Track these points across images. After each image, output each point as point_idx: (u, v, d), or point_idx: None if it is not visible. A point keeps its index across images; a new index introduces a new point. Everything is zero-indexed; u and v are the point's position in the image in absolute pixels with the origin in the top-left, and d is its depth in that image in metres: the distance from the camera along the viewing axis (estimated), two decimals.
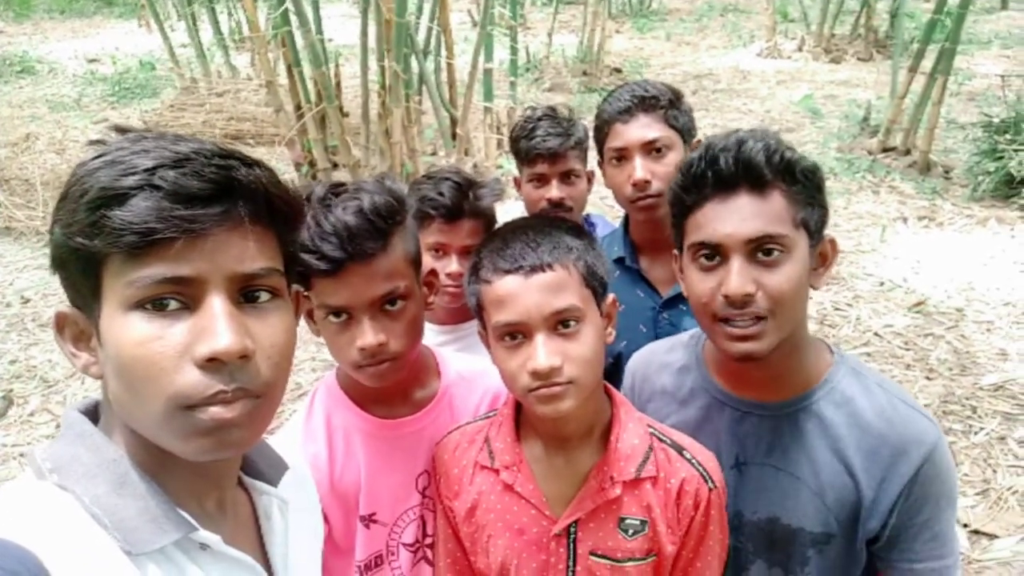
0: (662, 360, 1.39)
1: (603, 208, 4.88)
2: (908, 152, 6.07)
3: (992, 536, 2.68)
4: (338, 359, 1.25)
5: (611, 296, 1.20)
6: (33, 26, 13.78)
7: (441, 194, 1.65)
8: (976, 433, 3.17)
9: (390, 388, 1.31)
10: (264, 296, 0.76)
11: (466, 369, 1.46)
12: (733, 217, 1.10)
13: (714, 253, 1.12)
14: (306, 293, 1.17)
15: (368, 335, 1.17)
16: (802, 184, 1.12)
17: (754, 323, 1.09)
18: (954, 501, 1.19)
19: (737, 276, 1.08)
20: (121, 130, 0.76)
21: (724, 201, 1.11)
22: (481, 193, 1.69)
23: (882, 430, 1.16)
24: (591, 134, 1.90)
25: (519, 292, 1.09)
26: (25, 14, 14.39)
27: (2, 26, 13.51)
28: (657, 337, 1.68)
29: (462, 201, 1.66)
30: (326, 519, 1.31)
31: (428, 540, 1.40)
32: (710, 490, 1.18)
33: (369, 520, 1.36)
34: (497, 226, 1.35)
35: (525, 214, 1.98)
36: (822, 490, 1.18)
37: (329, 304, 1.17)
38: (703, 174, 1.12)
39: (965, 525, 2.71)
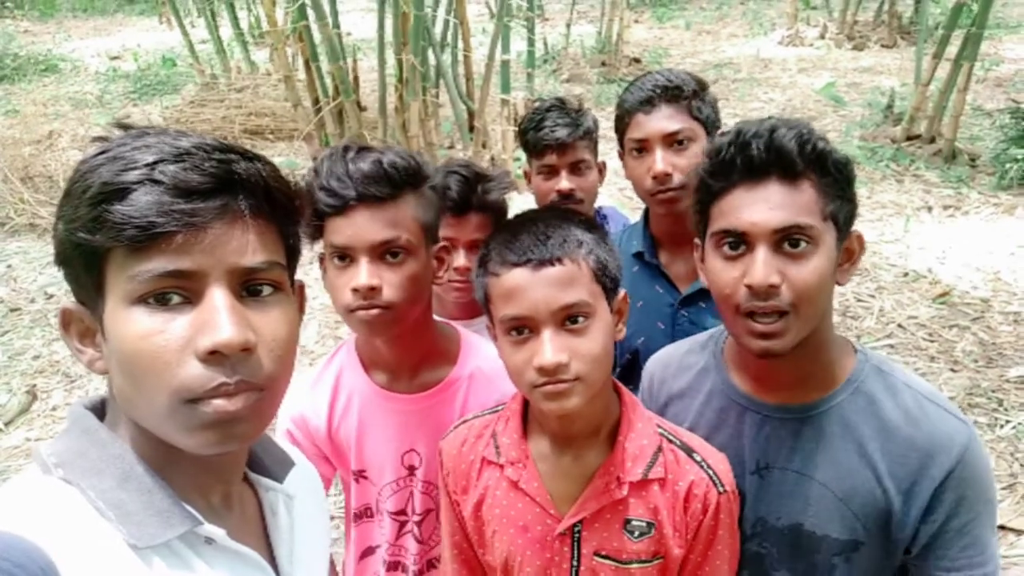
0: (680, 362, 1.35)
1: (621, 199, 4.85)
2: (933, 140, 5.97)
3: (1020, 532, 2.63)
4: (335, 304, 1.29)
5: (622, 292, 1.17)
6: (57, 24, 13.97)
7: (448, 187, 1.63)
8: (1002, 427, 3.11)
9: (394, 359, 1.36)
10: (266, 290, 0.76)
11: (489, 367, 1.43)
12: (761, 205, 1.06)
13: (739, 242, 1.08)
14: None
15: (363, 276, 1.20)
16: (833, 176, 1.08)
17: (777, 319, 1.05)
18: (992, 504, 1.12)
19: (762, 266, 1.04)
20: (124, 126, 0.76)
21: (752, 188, 1.07)
22: (489, 186, 1.68)
23: (909, 433, 1.10)
24: (609, 124, 1.87)
25: (527, 285, 1.07)
26: (49, 13, 14.59)
27: (27, 25, 13.70)
28: (675, 335, 1.64)
29: (469, 195, 1.65)
30: (329, 462, 1.45)
31: (416, 517, 1.43)
32: (719, 494, 1.15)
33: (359, 475, 1.43)
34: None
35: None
36: (847, 496, 1.13)
37: (334, 243, 1.22)
38: (732, 159, 1.08)
39: None
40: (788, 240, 1.05)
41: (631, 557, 1.14)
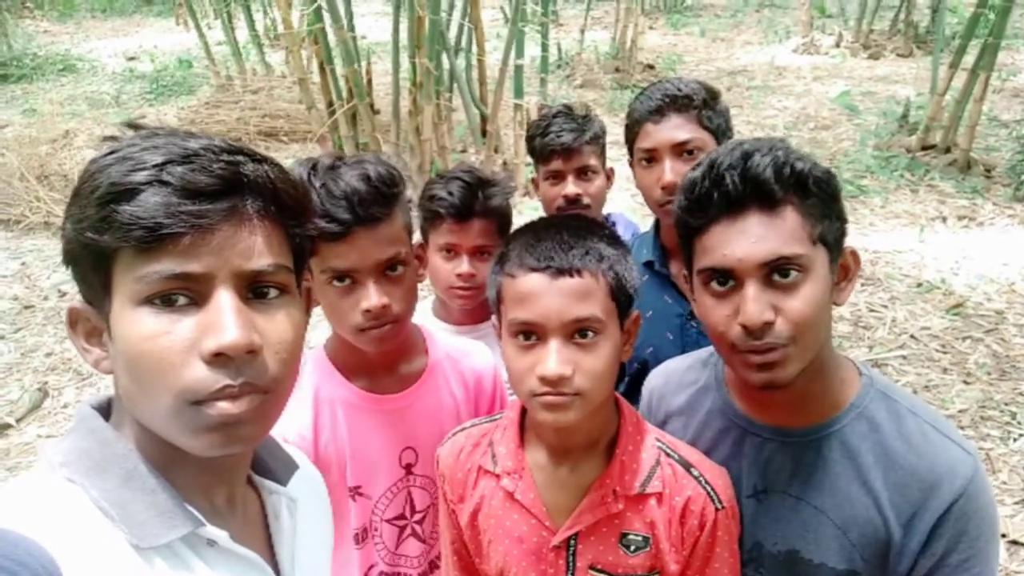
0: (680, 379, 1.33)
1: (634, 206, 4.83)
2: (948, 150, 5.92)
3: None
4: (339, 324, 1.29)
5: (635, 312, 1.15)
6: (75, 25, 14.11)
7: (451, 193, 1.63)
8: (1015, 440, 3.08)
9: (377, 361, 1.36)
10: (272, 292, 0.76)
11: (454, 349, 1.49)
12: (744, 240, 1.01)
13: (727, 278, 1.04)
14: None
15: (373, 297, 1.22)
16: (816, 196, 1.03)
17: (775, 351, 1.01)
18: (995, 541, 1.07)
19: (754, 304, 0.99)
20: (134, 127, 0.77)
21: (733, 223, 1.02)
22: (491, 192, 1.67)
23: (912, 462, 1.06)
24: (623, 130, 1.85)
25: (541, 292, 1.05)
26: (68, 13, 14.72)
27: (46, 25, 13.84)
28: (684, 346, 1.63)
29: (472, 201, 1.64)
30: None
31: (416, 516, 1.43)
32: (717, 510, 1.13)
33: (355, 492, 1.38)
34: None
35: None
36: (846, 524, 1.09)
37: (336, 268, 1.22)
38: (708, 194, 1.03)
39: (1003, 535, 2.63)
40: (777, 271, 1.01)
41: (627, 571, 1.13)
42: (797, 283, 1.01)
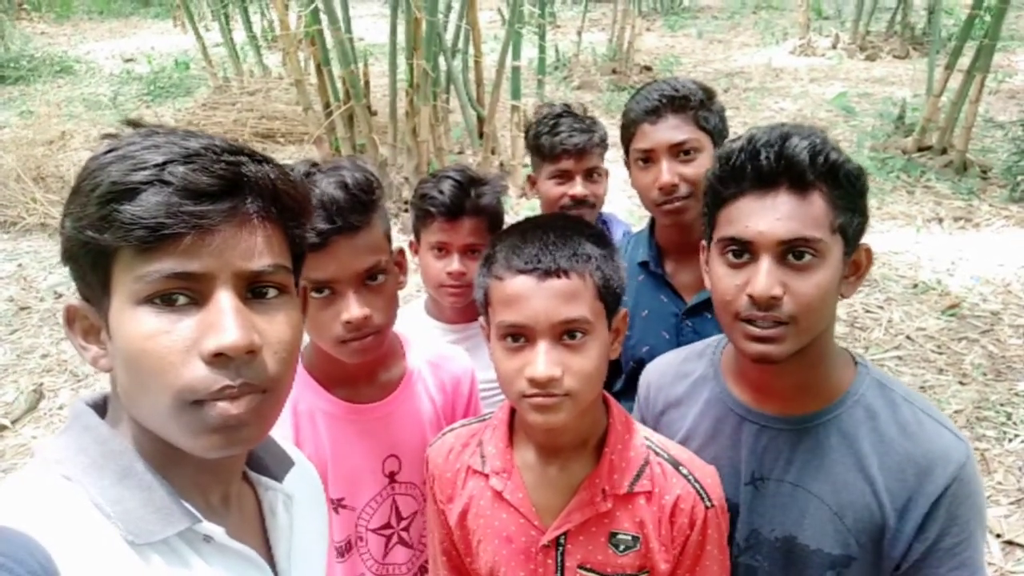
0: (677, 370, 1.34)
1: (631, 207, 4.84)
2: (944, 151, 5.94)
3: None
4: (319, 336, 1.26)
5: (623, 310, 1.16)
6: (73, 27, 14.09)
7: (441, 192, 1.64)
8: (1011, 440, 3.09)
9: (357, 371, 1.33)
10: (272, 292, 0.76)
11: (432, 354, 1.48)
12: (769, 215, 1.05)
13: (743, 250, 1.07)
14: None
15: (354, 308, 1.19)
16: (844, 188, 1.06)
17: (775, 325, 1.04)
18: (983, 527, 1.11)
19: (765, 277, 1.03)
20: (134, 124, 0.76)
21: (761, 197, 1.06)
22: (482, 191, 1.67)
23: (907, 447, 1.09)
24: (618, 132, 1.86)
25: (529, 294, 1.05)
26: (65, 15, 14.71)
27: (43, 27, 13.82)
28: (679, 344, 1.62)
29: (463, 199, 1.64)
30: None
31: (403, 524, 1.41)
32: (707, 508, 1.13)
33: (338, 504, 1.36)
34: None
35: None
36: (842, 510, 1.12)
37: (314, 278, 1.18)
38: (742, 167, 1.07)
39: (998, 535, 2.64)
40: (793, 252, 1.04)
41: (616, 570, 1.13)
42: (810, 266, 1.05)
